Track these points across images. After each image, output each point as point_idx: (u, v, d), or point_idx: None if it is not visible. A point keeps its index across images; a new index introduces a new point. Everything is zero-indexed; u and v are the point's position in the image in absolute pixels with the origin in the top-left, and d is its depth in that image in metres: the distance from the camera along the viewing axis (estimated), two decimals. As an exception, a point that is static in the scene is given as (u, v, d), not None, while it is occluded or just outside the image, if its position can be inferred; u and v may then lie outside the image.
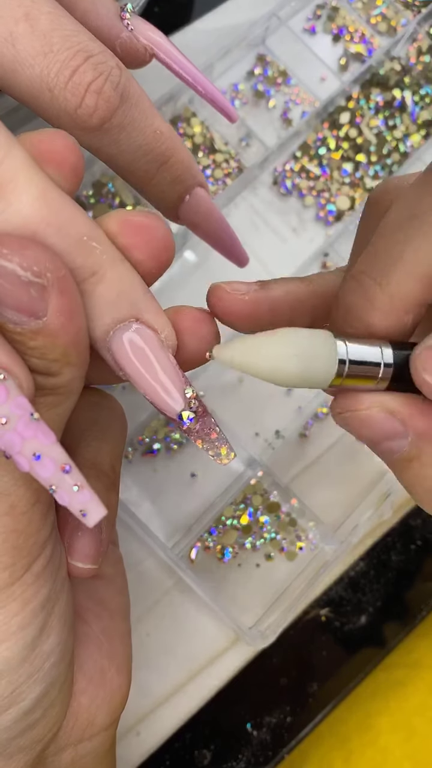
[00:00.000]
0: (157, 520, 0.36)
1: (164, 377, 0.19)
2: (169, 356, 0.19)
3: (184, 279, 0.39)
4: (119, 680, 0.23)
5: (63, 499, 0.16)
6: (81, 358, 0.18)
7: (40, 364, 0.17)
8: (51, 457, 0.16)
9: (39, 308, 0.16)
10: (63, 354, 0.17)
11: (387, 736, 0.32)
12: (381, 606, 0.37)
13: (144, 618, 0.35)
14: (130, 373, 0.19)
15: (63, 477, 0.16)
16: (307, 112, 0.42)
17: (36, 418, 0.16)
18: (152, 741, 0.34)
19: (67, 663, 0.21)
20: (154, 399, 0.19)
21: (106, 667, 0.23)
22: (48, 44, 0.20)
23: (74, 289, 0.17)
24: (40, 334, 0.17)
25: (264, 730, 0.35)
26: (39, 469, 0.16)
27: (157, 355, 0.19)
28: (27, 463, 0.16)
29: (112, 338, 0.18)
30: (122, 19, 0.24)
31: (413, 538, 0.39)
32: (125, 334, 0.19)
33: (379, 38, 0.44)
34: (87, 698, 0.22)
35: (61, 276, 0.16)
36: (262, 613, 0.36)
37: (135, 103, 0.22)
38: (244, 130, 0.41)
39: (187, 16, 0.43)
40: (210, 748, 0.35)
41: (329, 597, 0.37)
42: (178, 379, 0.19)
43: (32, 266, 0.16)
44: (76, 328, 0.17)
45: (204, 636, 0.35)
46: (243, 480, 0.37)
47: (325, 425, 0.39)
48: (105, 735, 0.23)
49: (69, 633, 0.21)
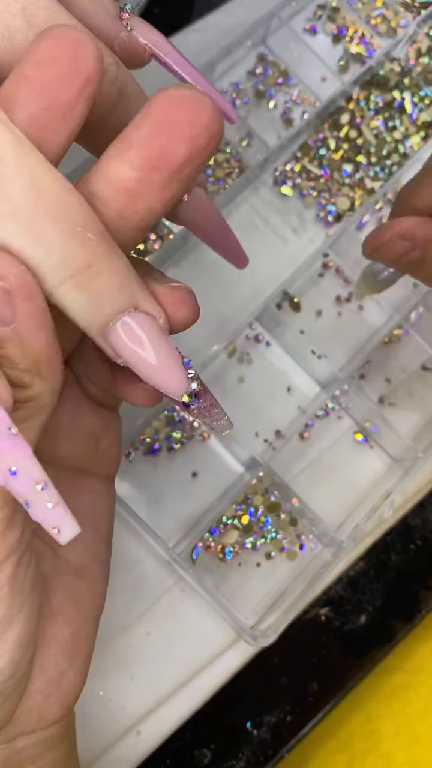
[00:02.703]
0: (158, 520, 0.36)
1: (167, 361, 0.19)
2: (168, 340, 0.19)
3: (185, 280, 0.39)
4: (75, 680, 0.23)
5: (37, 516, 0.16)
6: (52, 370, 0.18)
7: (11, 374, 0.17)
8: (27, 472, 0.16)
9: (5, 314, 0.16)
10: (33, 364, 0.17)
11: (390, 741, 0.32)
12: (381, 605, 0.38)
13: (144, 617, 0.35)
14: (133, 361, 0.19)
15: (38, 493, 0.16)
16: (307, 112, 0.42)
17: (14, 432, 0.16)
18: (152, 740, 0.34)
19: (18, 678, 0.21)
20: (160, 383, 0.19)
21: (66, 669, 0.23)
22: None
23: (40, 296, 0.17)
24: (8, 341, 0.16)
25: (264, 730, 0.35)
26: (14, 484, 0.16)
27: (158, 340, 0.19)
28: (2, 477, 0.16)
29: (112, 329, 0.18)
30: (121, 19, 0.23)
31: (413, 538, 0.39)
32: (126, 324, 0.18)
33: (379, 39, 0.44)
34: (42, 696, 0.22)
35: (25, 282, 0.16)
36: (263, 612, 0.36)
37: (133, 100, 0.21)
38: (245, 129, 0.41)
39: (187, 16, 0.43)
40: (210, 748, 0.35)
41: (329, 596, 0.37)
42: (180, 361, 0.19)
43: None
44: (45, 335, 0.17)
45: (204, 635, 0.35)
46: (244, 480, 0.37)
47: (325, 425, 0.39)
48: (57, 726, 0.23)
49: (25, 652, 0.21)
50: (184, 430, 0.37)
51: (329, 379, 0.39)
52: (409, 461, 0.38)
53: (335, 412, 0.39)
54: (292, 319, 0.40)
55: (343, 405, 0.39)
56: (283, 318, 0.39)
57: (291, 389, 0.39)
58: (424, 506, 0.39)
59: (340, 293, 0.41)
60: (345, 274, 0.41)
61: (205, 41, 0.42)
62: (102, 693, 0.34)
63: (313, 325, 0.40)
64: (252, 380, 0.39)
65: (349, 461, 0.39)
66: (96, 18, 0.23)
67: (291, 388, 0.39)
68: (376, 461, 0.39)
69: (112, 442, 0.26)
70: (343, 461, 0.39)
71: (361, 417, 0.39)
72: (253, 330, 0.39)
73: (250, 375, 0.39)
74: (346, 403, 0.39)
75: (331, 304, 0.40)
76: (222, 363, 0.39)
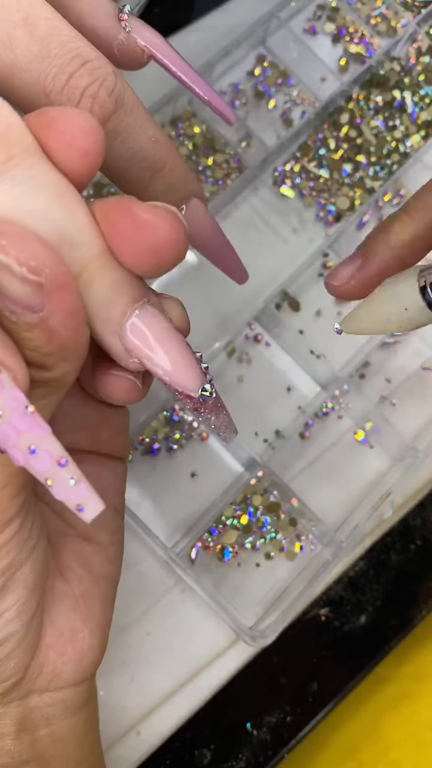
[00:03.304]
0: (157, 520, 0.36)
1: (182, 356, 0.19)
2: (180, 335, 0.19)
3: (185, 280, 0.39)
4: (91, 641, 0.24)
5: (59, 493, 0.16)
6: (78, 353, 0.18)
7: (33, 356, 0.17)
8: (47, 450, 0.16)
9: (35, 303, 0.16)
10: (59, 349, 0.17)
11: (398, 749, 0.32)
12: (381, 606, 0.38)
13: (144, 618, 0.35)
14: (149, 355, 0.19)
15: (59, 470, 0.16)
16: (307, 112, 0.42)
17: (31, 411, 0.16)
18: (152, 740, 0.34)
19: (25, 620, 0.21)
20: (176, 379, 0.19)
21: (79, 627, 0.23)
22: (46, 49, 0.20)
23: (73, 286, 0.17)
24: (35, 328, 0.16)
25: (264, 730, 0.35)
26: (34, 462, 0.16)
27: (171, 334, 0.19)
28: (22, 456, 0.16)
29: (130, 321, 0.18)
30: (120, 21, 0.24)
31: (413, 538, 0.39)
32: (141, 316, 0.18)
33: (379, 39, 0.44)
34: (54, 652, 0.23)
35: (60, 273, 0.16)
36: (262, 612, 0.36)
37: (130, 110, 0.22)
38: (245, 130, 0.41)
39: (187, 16, 0.43)
40: (210, 748, 0.35)
41: (329, 597, 0.37)
42: (194, 355, 0.19)
43: (29, 262, 0.16)
44: (75, 325, 0.17)
45: (204, 636, 0.35)
46: (243, 480, 0.37)
47: (325, 425, 0.39)
48: (75, 690, 0.24)
49: (32, 594, 0.21)
50: (183, 431, 0.37)
51: (329, 379, 0.39)
52: (409, 461, 0.38)
53: (335, 412, 0.39)
54: (292, 319, 0.40)
55: (343, 405, 0.39)
56: (283, 318, 0.39)
57: (291, 389, 0.39)
58: (424, 506, 0.39)
59: (339, 293, 0.41)
60: (345, 274, 0.41)
61: (204, 41, 0.42)
62: (102, 693, 0.34)
63: (312, 325, 0.40)
64: (252, 380, 0.39)
65: (349, 461, 0.39)
66: (94, 20, 0.23)
67: (291, 388, 0.39)
68: (376, 461, 0.39)
69: (114, 435, 0.26)
70: (343, 461, 0.39)
71: (361, 417, 0.39)
72: (253, 330, 0.39)
73: (249, 375, 0.39)
74: (346, 403, 0.39)
75: (330, 304, 0.40)
76: (221, 363, 0.39)
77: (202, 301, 0.39)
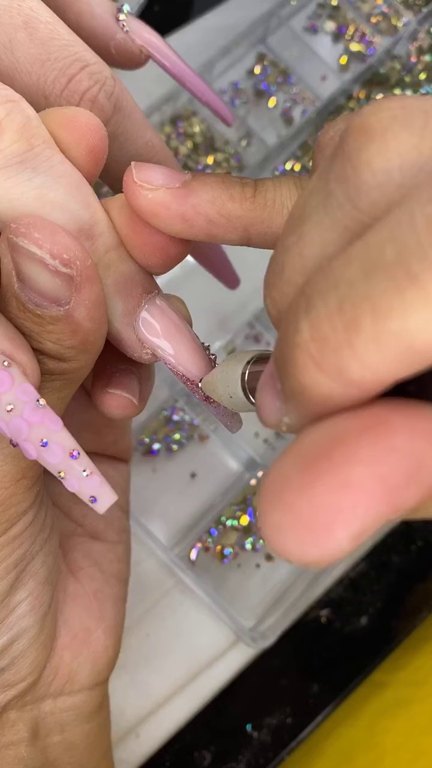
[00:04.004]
0: (157, 521, 0.36)
1: (191, 344, 0.19)
2: (187, 324, 0.19)
3: (186, 280, 0.39)
4: (105, 642, 0.24)
5: (72, 486, 0.16)
6: (96, 346, 0.18)
7: (53, 348, 0.17)
8: (59, 443, 0.16)
9: (63, 297, 0.16)
10: (81, 342, 0.17)
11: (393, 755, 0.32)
12: (381, 607, 0.37)
13: (144, 619, 0.35)
14: (160, 343, 0.19)
15: (71, 463, 0.16)
16: (307, 110, 0.42)
17: (42, 404, 0.16)
18: (152, 742, 0.34)
19: (39, 616, 0.21)
20: (186, 366, 0.19)
21: (93, 627, 0.23)
22: (46, 52, 0.20)
23: (99, 281, 0.17)
24: (60, 321, 0.17)
25: (264, 731, 0.35)
26: (47, 455, 0.16)
27: (181, 323, 0.19)
28: (34, 449, 0.16)
29: (143, 312, 0.18)
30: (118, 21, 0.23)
31: (414, 539, 0.38)
32: (152, 307, 0.19)
33: (380, 37, 0.44)
34: (69, 654, 0.23)
35: (88, 266, 0.17)
36: (263, 613, 0.36)
37: (128, 114, 0.22)
38: (245, 129, 0.41)
39: (187, 14, 0.43)
40: (210, 749, 0.35)
41: (330, 598, 0.37)
42: (202, 345, 0.20)
43: (62, 254, 0.16)
44: (99, 319, 0.17)
45: (204, 637, 0.35)
46: (243, 480, 0.36)
47: (325, 425, 0.39)
48: (89, 694, 0.23)
49: (44, 588, 0.21)
50: (183, 431, 0.37)
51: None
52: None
53: (336, 412, 0.39)
54: (292, 319, 0.39)
55: (343, 405, 0.39)
56: (283, 318, 0.39)
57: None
58: (425, 507, 0.39)
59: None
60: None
61: (204, 40, 0.42)
62: (101, 695, 0.34)
63: (313, 324, 0.40)
64: (252, 380, 0.39)
65: (350, 462, 0.39)
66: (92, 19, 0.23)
67: (291, 388, 0.39)
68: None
69: (118, 437, 0.26)
70: (343, 462, 0.38)
71: (362, 417, 0.39)
72: (253, 330, 0.39)
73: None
74: (346, 403, 0.39)
75: (331, 304, 0.40)
76: (221, 363, 0.38)
77: (202, 301, 0.39)
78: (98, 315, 0.17)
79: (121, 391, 0.20)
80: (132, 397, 0.21)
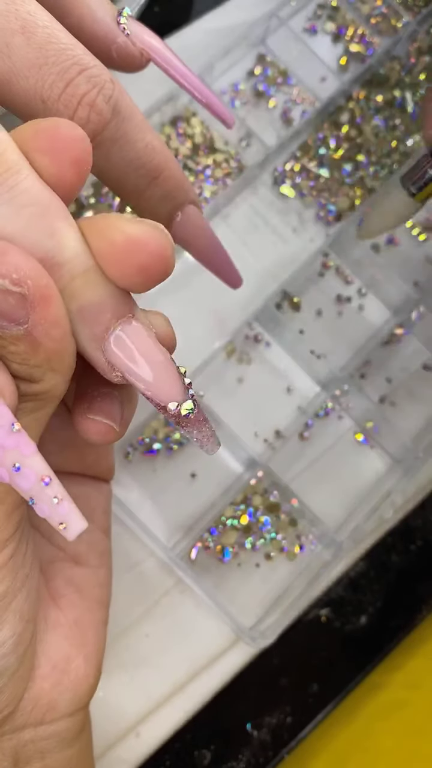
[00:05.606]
0: (157, 520, 0.36)
1: (165, 370, 0.19)
2: (164, 350, 0.19)
3: (185, 280, 0.39)
4: (86, 669, 0.23)
5: (42, 511, 0.16)
6: (65, 364, 0.18)
7: (21, 369, 0.17)
8: (31, 468, 0.16)
9: (19, 316, 0.16)
10: (46, 360, 0.17)
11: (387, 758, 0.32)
12: (381, 606, 0.37)
13: (144, 618, 0.35)
14: (129, 369, 0.18)
15: (43, 489, 0.16)
16: (307, 111, 0.42)
17: (17, 428, 0.16)
18: (152, 741, 0.34)
19: (20, 654, 0.21)
20: (157, 393, 0.18)
21: (74, 655, 0.23)
22: (43, 56, 0.20)
23: (57, 297, 0.17)
24: (21, 340, 0.16)
25: (264, 731, 0.35)
26: (19, 480, 0.16)
27: (155, 348, 0.19)
28: (6, 473, 0.16)
29: (113, 336, 0.18)
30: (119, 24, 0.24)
31: (413, 539, 0.39)
32: (125, 331, 0.18)
33: (380, 38, 0.44)
34: (49, 683, 0.22)
35: (43, 285, 0.16)
36: (262, 613, 0.36)
37: (127, 117, 0.21)
38: (244, 129, 0.41)
39: (186, 15, 0.43)
40: (210, 749, 0.35)
41: (329, 597, 0.37)
42: (178, 371, 0.19)
43: (10, 274, 0.16)
44: (60, 336, 0.17)
45: (204, 636, 0.35)
46: (243, 480, 0.37)
47: (325, 425, 0.39)
48: (70, 721, 0.23)
49: (26, 626, 0.21)
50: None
51: (329, 379, 0.38)
52: (410, 461, 0.37)
53: (335, 412, 0.39)
54: (292, 319, 0.40)
55: (343, 405, 0.39)
56: (283, 318, 0.39)
57: (291, 389, 0.39)
58: (424, 507, 0.39)
59: (340, 293, 0.40)
60: (345, 273, 0.41)
61: (204, 41, 0.42)
62: (101, 694, 0.34)
63: (312, 324, 0.40)
64: (251, 380, 0.39)
65: (350, 461, 0.39)
66: (93, 23, 0.23)
67: (291, 388, 0.39)
68: (377, 461, 0.39)
69: (101, 457, 0.26)
70: (343, 461, 0.39)
71: (362, 417, 0.39)
72: (253, 330, 0.39)
73: (249, 375, 0.39)
74: (346, 403, 0.39)
75: (331, 304, 0.40)
76: (221, 363, 0.38)
77: (202, 301, 0.39)
78: (58, 334, 0.17)
79: (102, 417, 0.20)
80: (113, 424, 0.20)
